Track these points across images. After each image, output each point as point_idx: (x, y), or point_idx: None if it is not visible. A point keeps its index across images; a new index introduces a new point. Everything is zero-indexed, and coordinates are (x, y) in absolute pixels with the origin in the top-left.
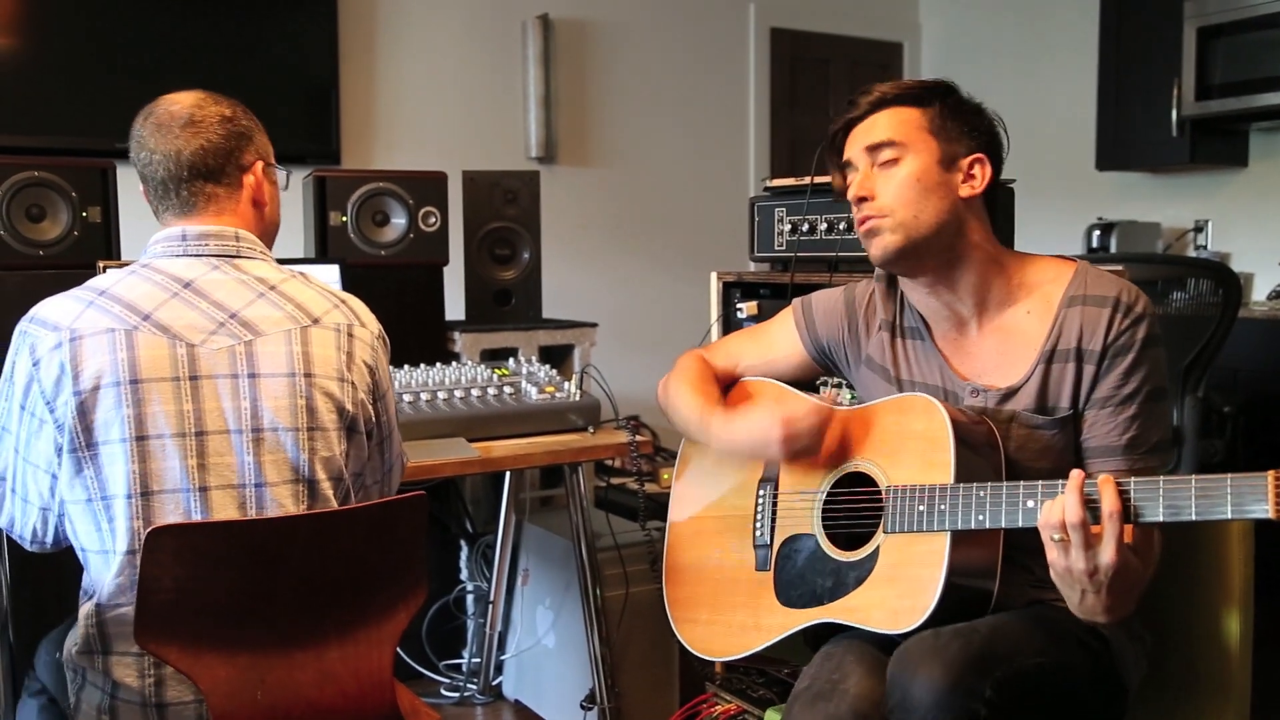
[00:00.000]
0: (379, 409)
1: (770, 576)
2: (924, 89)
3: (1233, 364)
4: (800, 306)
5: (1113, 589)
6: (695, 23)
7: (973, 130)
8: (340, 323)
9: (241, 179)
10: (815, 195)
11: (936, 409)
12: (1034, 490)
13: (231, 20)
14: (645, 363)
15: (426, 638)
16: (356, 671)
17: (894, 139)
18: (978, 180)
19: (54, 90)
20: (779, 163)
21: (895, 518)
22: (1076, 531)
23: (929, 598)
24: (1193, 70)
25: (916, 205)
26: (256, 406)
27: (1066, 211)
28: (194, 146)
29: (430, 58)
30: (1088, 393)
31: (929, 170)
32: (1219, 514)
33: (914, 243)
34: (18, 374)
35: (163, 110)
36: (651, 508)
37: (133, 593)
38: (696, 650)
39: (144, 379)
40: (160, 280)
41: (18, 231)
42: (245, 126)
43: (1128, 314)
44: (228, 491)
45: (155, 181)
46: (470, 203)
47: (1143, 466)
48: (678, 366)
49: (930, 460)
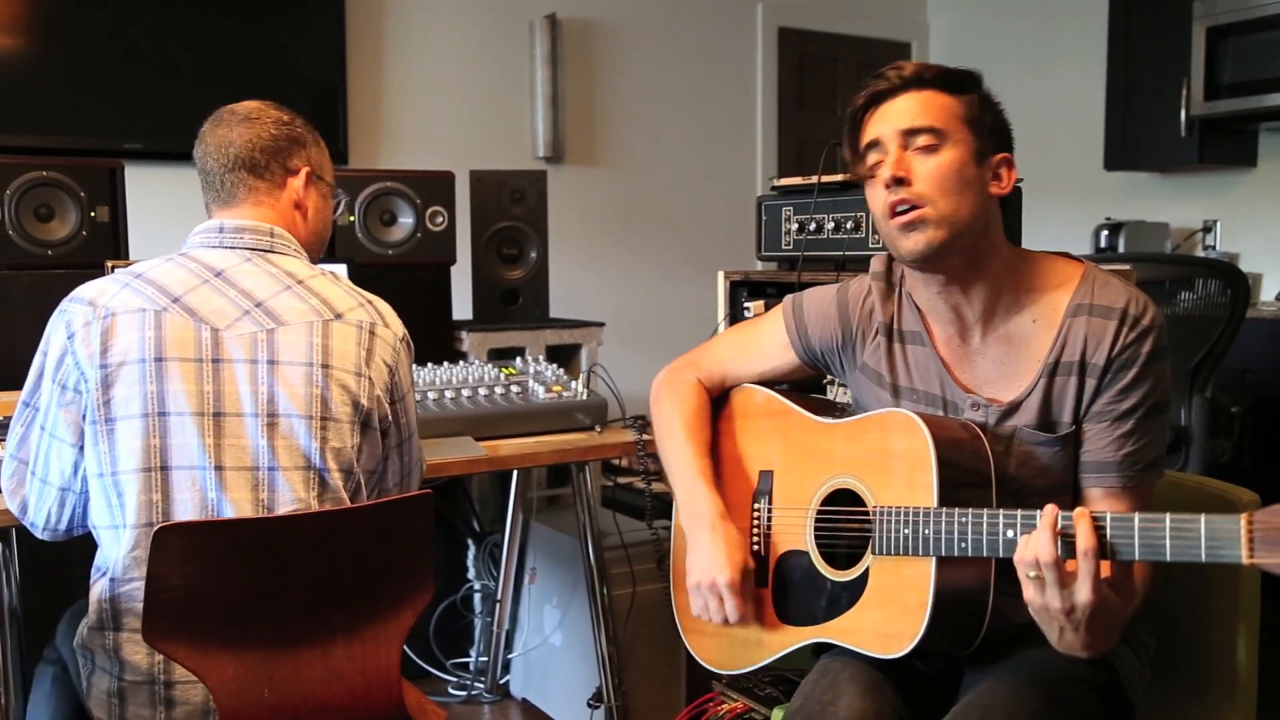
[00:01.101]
0: (397, 410)
1: (768, 593)
2: (964, 75)
3: (1241, 364)
4: (790, 308)
5: (1091, 626)
6: (703, 22)
7: (1001, 129)
8: (364, 320)
9: (286, 180)
10: (823, 194)
11: (918, 429)
12: (1013, 520)
13: (239, 20)
14: (652, 362)
15: (434, 636)
16: (364, 669)
17: (934, 125)
18: (1004, 181)
19: (62, 91)
20: (786, 162)
21: (883, 540)
22: (1050, 570)
23: (917, 624)
24: (1201, 70)
25: (957, 197)
26: (273, 392)
27: (1075, 211)
28: (245, 138)
29: (437, 57)
30: (1088, 406)
31: (967, 163)
32: (1192, 556)
33: (956, 239)
34: (52, 348)
35: (227, 110)
36: (658, 507)
37: (143, 568)
38: (706, 662)
39: (168, 357)
40: (194, 268)
41: (26, 231)
42: (300, 134)
43: (1134, 326)
44: (242, 473)
45: (205, 172)
46: (477, 202)
47: (1136, 484)
48: (675, 395)
49: (913, 481)
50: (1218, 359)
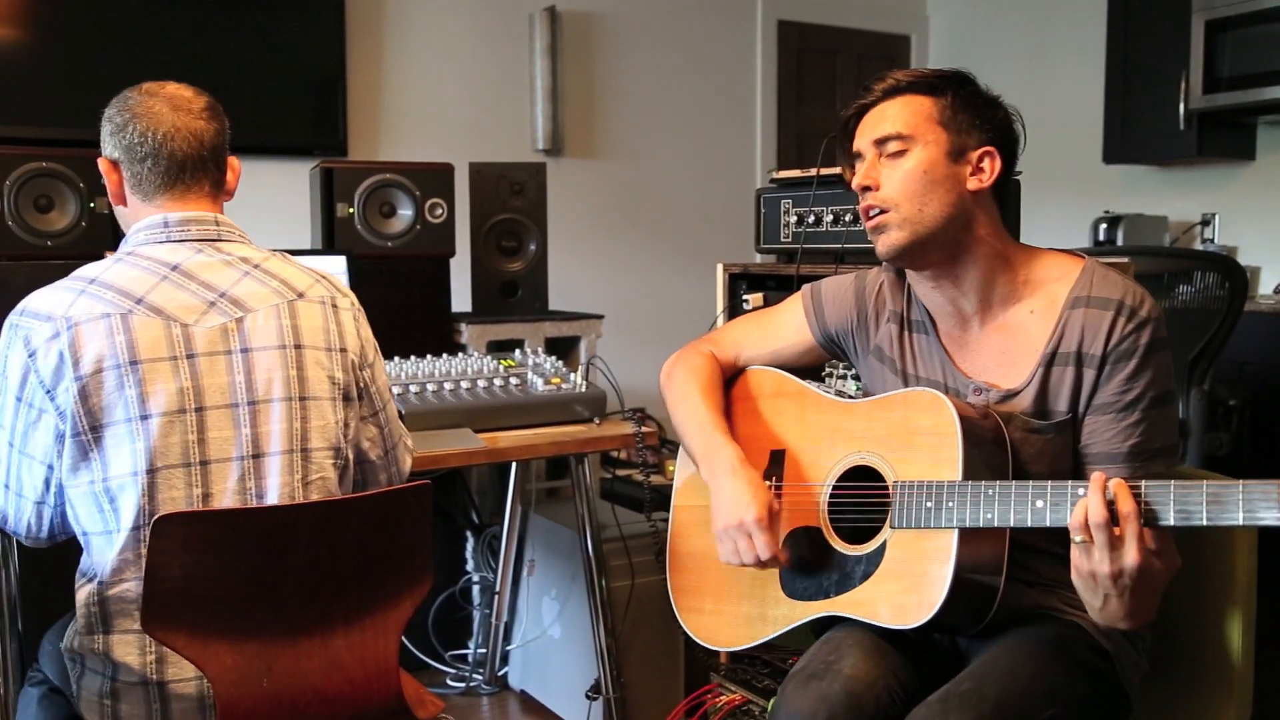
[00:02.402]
0: (365, 378)
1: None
2: (938, 77)
3: (1239, 357)
4: (809, 294)
5: (1136, 592)
6: (702, 15)
7: (985, 122)
8: (324, 296)
9: (225, 173)
10: (822, 187)
11: (944, 405)
12: (1043, 490)
13: (239, 11)
14: (651, 354)
15: (433, 628)
16: (363, 659)
17: (901, 131)
18: (986, 174)
19: (62, 81)
20: (785, 155)
21: (903, 513)
22: (1101, 531)
23: (937, 594)
24: (1200, 63)
25: (921, 198)
26: (250, 379)
27: (1073, 205)
28: (189, 132)
29: (437, 49)
30: (1087, 398)
31: (936, 162)
32: (1230, 519)
33: (920, 238)
34: (11, 367)
35: (169, 92)
36: (657, 499)
37: (135, 569)
38: (701, 639)
39: (143, 359)
40: (147, 265)
41: (26, 222)
42: (227, 126)
43: (1131, 317)
44: (226, 464)
45: (139, 159)
46: (477, 194)
47: (1145, 474)
48: (688, 366)
49: (938, 456)
50: (1216, 352)
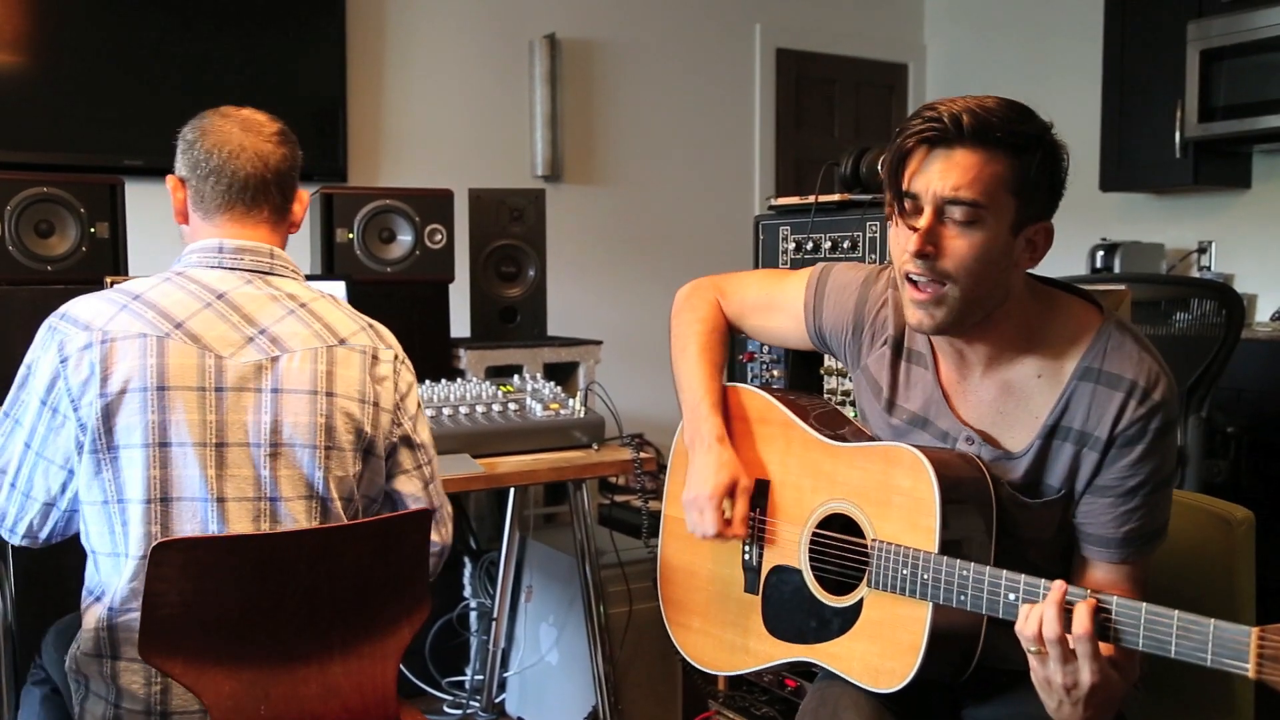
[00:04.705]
0: (408, 429)
1: (758, 601)
2: (1032, 137)
3: (1236, 384)
4: (814, 285)
5: (1090, 704)
6: (701, 43)
7: (1052, 193)
8: (366, 345)
9: (291, 206)
10: (820, 214)
11: (925, 471)
12: (1016, 585)
13: (240, 37)
14: (649, 380)
15: (430, 655)
16: (360, 686)
17: (977, 198)
18: (1038, 250)
19: (63, 107)
20: (784, 182)
21: (880, 575)
22: (1054, 646)
23: (909, 664)
24: (1196, 92)
25: (977, 277)
26: (277, 421)
27: (1070, 232)
28: (259, 156)
29: (437, 76)
30: (1086, 479)
31: (998, 239)
32: (1197, 659)
33: (966, 316)
34: (41, 368)
35: (227, 115)
36: (655, 525)
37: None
38: (690, 657)
39: (171, 386)
40: (194, 290)
41: (26, 247)
42: (300, 155)
43: (1144, 400)
44: (244, 504)
45: (203, 176)
46: (476, 220)
47: (1136, 558)
48: (695, 313)
49: (916, 523)
50: (1213, 379)
